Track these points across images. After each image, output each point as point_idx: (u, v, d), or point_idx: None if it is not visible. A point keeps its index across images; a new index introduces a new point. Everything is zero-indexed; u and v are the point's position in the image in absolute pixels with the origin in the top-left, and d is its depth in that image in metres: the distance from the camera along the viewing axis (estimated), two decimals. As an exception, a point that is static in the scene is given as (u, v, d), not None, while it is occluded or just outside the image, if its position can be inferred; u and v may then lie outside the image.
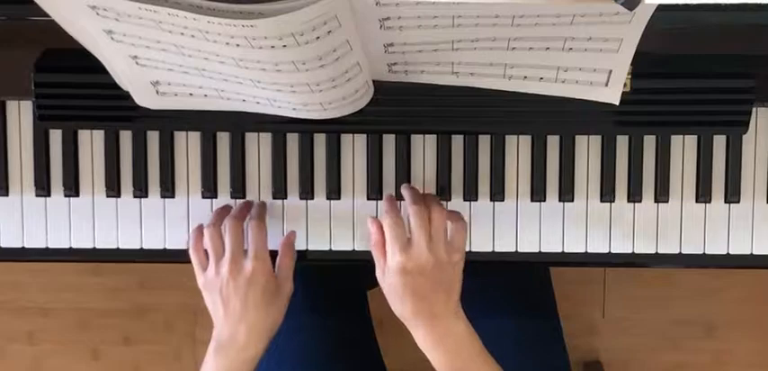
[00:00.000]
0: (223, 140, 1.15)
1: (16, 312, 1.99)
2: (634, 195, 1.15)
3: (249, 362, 1.10)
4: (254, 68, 0.93)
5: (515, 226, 1.16)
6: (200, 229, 1.12)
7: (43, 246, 1.17)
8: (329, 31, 0.89)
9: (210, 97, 1.03)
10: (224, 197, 1.16)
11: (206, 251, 1.11)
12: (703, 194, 1.15)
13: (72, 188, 1.15)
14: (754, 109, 1.12)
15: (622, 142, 1.15)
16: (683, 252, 1.16)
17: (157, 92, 1.03)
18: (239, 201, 1.15)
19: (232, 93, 1.01)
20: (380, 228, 1.09)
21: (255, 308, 1.09)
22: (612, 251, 1.17)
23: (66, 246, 1.17)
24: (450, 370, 1.07)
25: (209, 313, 1.13)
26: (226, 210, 1.14)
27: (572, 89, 1.03)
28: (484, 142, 1.15)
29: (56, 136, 1.15)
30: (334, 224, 1.16)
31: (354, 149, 1.15)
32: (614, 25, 0.94)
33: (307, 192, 1.15)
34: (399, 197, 1.14)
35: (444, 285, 1.07)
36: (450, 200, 1.15)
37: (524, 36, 0.96)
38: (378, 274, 1.09)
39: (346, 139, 1.15)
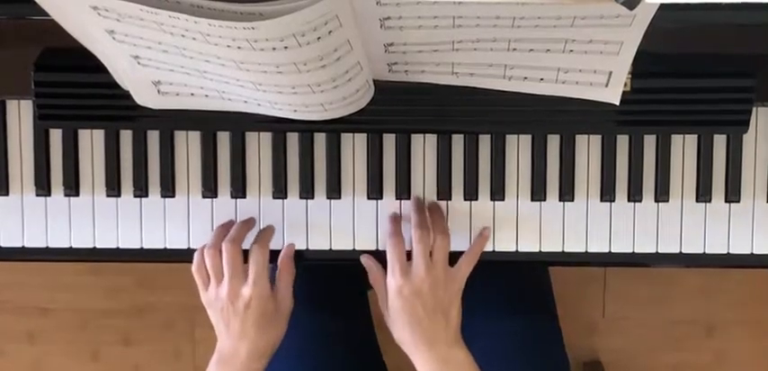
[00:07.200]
0: (223, 139, 1.15)
1: (16, 312, 1.99)
2: (634, 195, 1.15)
3: None
4: (256, 71, 0.93)
5: (515, 226, 1.16)
6: (202, 250, 1.12)
7: (43, 245, 1.17)
8: (330, 31, 0.89)
9: (212, 98, 1.03)
10: (224, 197, 1.16)
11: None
12: (703, 194, 1.15)
13: (72, 188, 1.15)
14: (754, 109, 1.12)
15: (622, 142, 1.15)
16: (683, 252, 1.16)
17: (159, 91, 1.03)
18: (239, 221, 1.14)
19: (233, 94, 1.01)
20: (375, 264, 1.12)
21: (254, 329, 1.10)
22: (612, 251, 1.16)
23: (66, 246, 1.17)
24: None
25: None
26: (226, 228, 1.13)
27: (572, 89, 1.03)
28: (484, 142, 1.15)
29: (56, 136, 1.15)
30: (334, 224, 1.16)
31: (355, 148, 1.15)
32: (615, 28, 0.94)
33: (307, 191, 1.15)
34: (401, 195, 1.14)
35: (442, 311, 1.08)
36: (450, 200, 1.15)
37: (525, 38, 0.96)
38: (381, 305, 1.11)
39: (346, 138, 1.15)
